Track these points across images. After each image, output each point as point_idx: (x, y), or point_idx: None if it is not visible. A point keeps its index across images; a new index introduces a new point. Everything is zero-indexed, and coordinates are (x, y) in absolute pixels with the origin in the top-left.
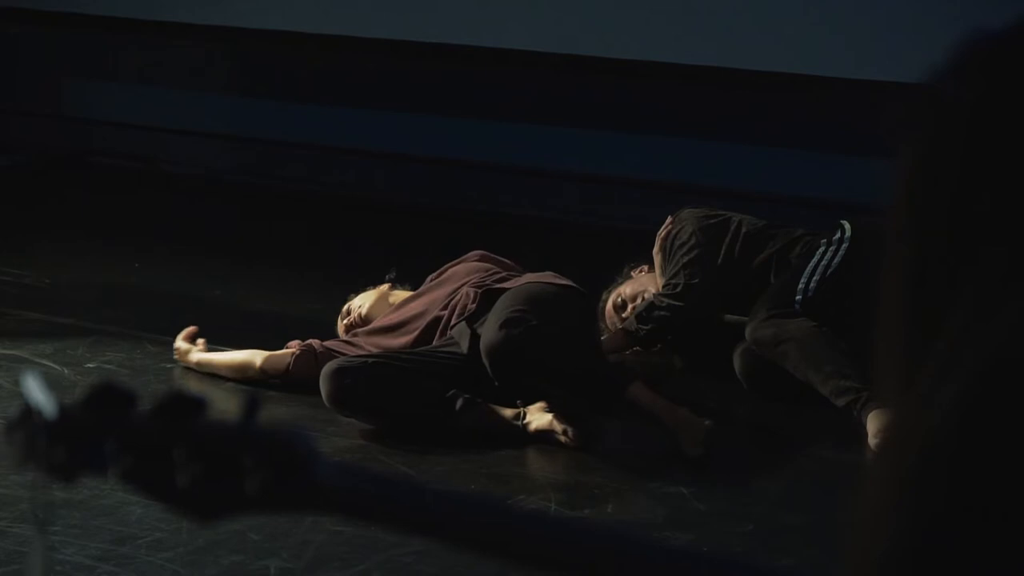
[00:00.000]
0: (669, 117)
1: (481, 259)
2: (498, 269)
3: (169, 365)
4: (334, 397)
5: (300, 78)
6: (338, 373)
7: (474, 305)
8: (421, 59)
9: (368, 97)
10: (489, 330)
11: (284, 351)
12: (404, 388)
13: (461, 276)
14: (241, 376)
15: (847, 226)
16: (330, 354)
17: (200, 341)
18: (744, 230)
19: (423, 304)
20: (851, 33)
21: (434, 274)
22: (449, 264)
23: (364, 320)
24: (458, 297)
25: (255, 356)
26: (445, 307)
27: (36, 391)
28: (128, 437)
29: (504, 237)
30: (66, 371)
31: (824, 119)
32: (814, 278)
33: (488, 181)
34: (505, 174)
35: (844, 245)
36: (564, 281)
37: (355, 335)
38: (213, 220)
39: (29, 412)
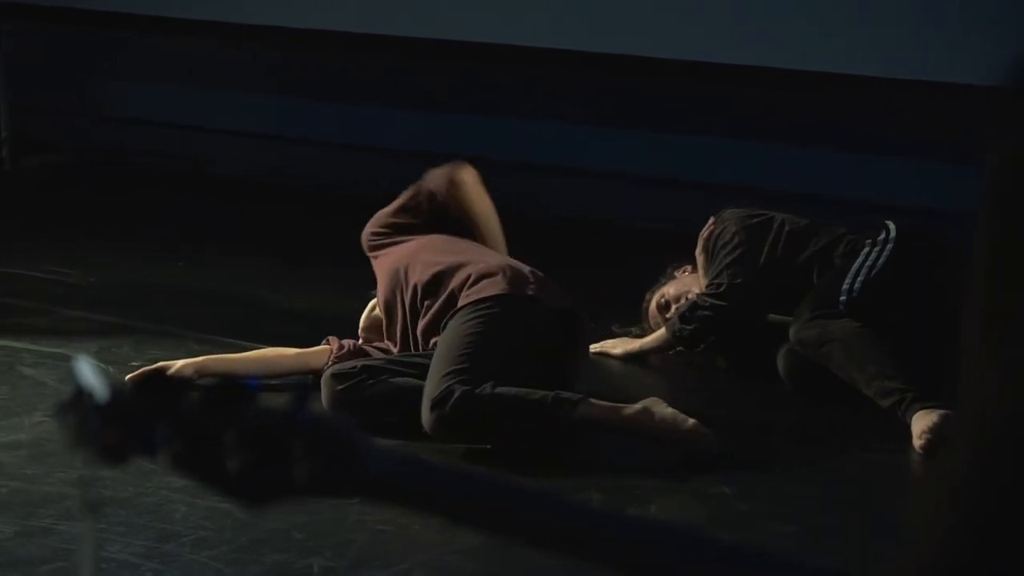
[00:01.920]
0: (712, 117)
1: (419, 249)
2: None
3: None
4: (329, 402)
5: (340, 77)
6: (331, 379)
7: (424, 320)
8: (464, 59)
9: (410, 97)
10: (424, 411)
11: (322, 347)
12: (390, 395)
13: (411, 276)
14: (267, 371)
15: (892, 226)
16: (360, 354)
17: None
18: (787, 229)
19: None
20: (900, 33)
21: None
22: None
23: (367, 338)
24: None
25: (287, 351)
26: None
27: (88, 375)
28: (179, 422)
29: (546, 237)
30: (111, 369)
31: (866, 120)
32: (859, 279)
33: (529, 181)
34: (548, 174)
35: (889, 246)
36: (501, 288)
37: (367, 340)
38: (254, 219)
39: (81, 395)
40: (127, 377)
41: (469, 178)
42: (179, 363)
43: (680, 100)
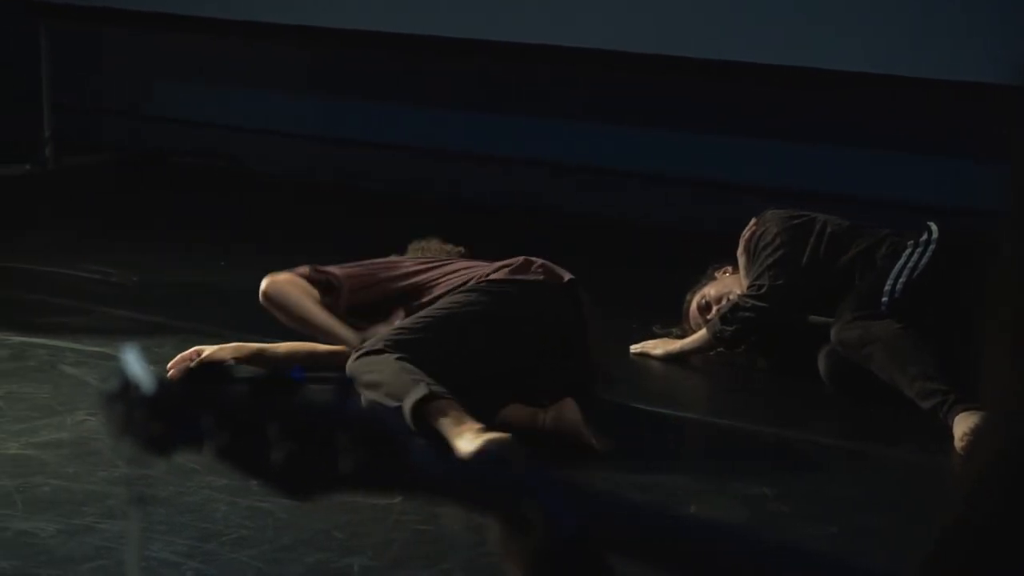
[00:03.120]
0: (752, 118)
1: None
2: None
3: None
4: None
5: (379, 77)
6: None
7: None
8: (499, 58)
9: (448, 96)
10: None
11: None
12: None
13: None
14: (303, 363)
15: (934, 228)
16: None
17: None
18: (829, 230)
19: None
20: (940, 34)
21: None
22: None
23: None
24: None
25: (320, 346)
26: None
27: (135, 365)
28: (224, 413)
29: (587, 238)
30: (153, 368)
31: (908, 120)
32: (901, 279)
33: (566, 181)
34: (585, 175)
35: (931, 247)
36: (505, 274)
37: None
38: (296, 219)
39: (128, 386)
40: (167, 365)
41: (275, 289)
42: (215, 348)
43: (718, 101)
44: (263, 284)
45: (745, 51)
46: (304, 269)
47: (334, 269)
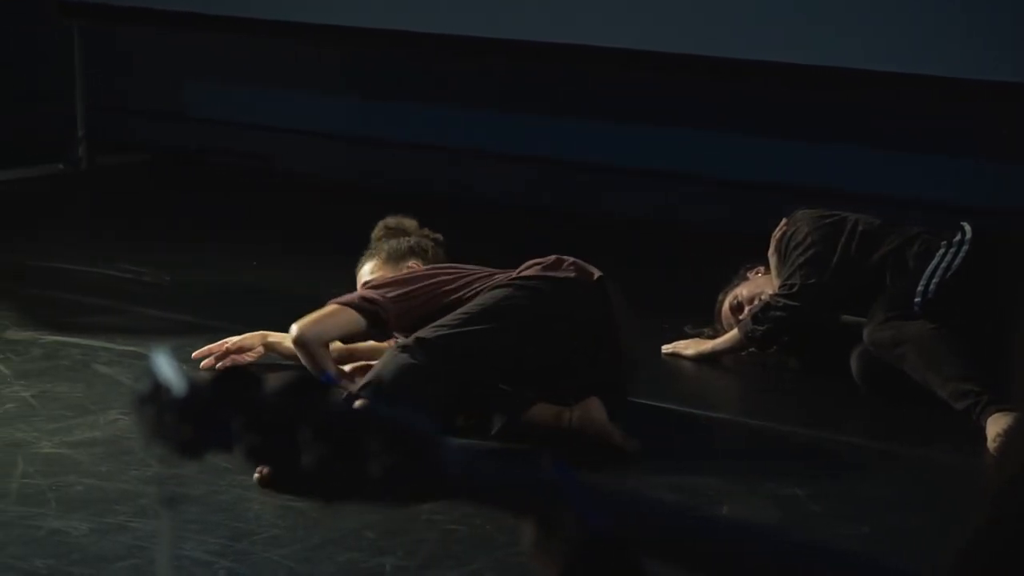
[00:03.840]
0: (784, 118)
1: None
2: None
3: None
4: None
5: (415, 78)
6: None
7: None
8: (539, 58)
9: (484, 97)
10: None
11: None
12: None
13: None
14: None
15: (967, 227)
16: None
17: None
18: (860, 229)
19: None
20: (989, 34)
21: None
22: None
23: None
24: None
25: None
26: None
27: (166, 368)
28: (255, 416)
29: (614, 237)
30: (185, 367)
31: (941, 120)
32: (934, 280)
33: (593, 181)
34: (613, 175)
35: (965, 247)
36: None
37: None
38: (329, 219)
39: (159, 389)
40: (194, 355)
41: (305, 340)
42: (242, 337)
43: (751, 102)
44: (294, 331)
45: (782, 51)
46: (354, 297)
47: (378, 296)
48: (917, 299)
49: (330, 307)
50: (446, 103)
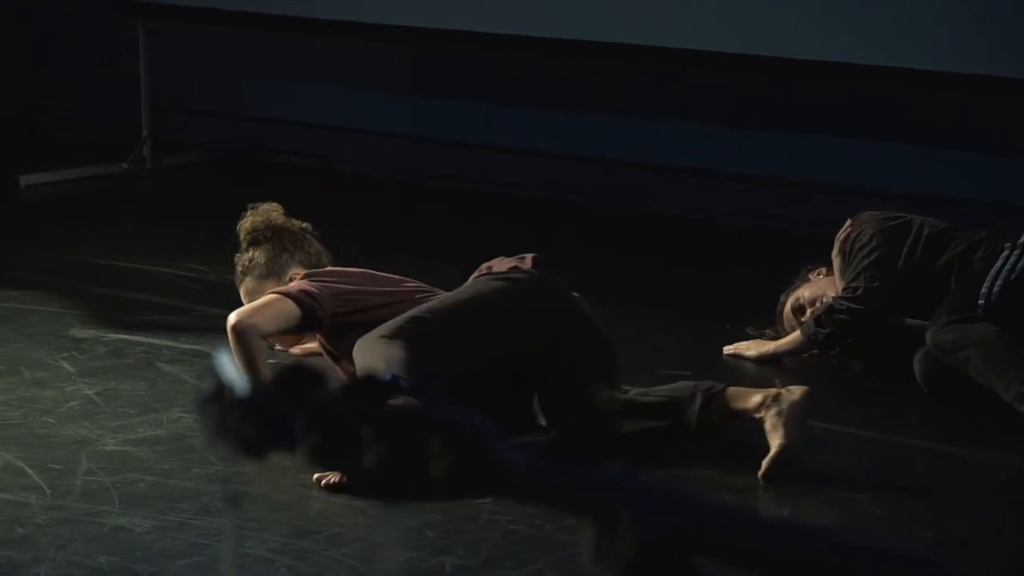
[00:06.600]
0: (843, 118)
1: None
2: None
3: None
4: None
5: (473, 77)
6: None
7: None
8: (587, 58)
9: (540, 97)
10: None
11: None
12: None
13: None
14: None
15: None
16: None
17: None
18: (926, 232)
19: None
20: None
21: None
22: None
23: None
24: None
25: None
26: None
27: (229, 368)
28: (317, 416)
29: (678, 238)
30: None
31: (1004, 121)
32: (997, 282)
33: (657, 181)
34: (679, 175)
35: None
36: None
37: None
38: (388, 217)
39: (222, 388)
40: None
41: (241, 329)
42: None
43: (811, 101)
44: (231, 319)
45: (843, 51)
46: (293, 288)
47: (316, 290)
48: (981, 301)
49: (269, 295)
50: (503, 102)
